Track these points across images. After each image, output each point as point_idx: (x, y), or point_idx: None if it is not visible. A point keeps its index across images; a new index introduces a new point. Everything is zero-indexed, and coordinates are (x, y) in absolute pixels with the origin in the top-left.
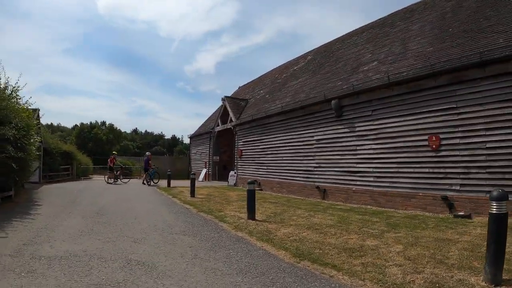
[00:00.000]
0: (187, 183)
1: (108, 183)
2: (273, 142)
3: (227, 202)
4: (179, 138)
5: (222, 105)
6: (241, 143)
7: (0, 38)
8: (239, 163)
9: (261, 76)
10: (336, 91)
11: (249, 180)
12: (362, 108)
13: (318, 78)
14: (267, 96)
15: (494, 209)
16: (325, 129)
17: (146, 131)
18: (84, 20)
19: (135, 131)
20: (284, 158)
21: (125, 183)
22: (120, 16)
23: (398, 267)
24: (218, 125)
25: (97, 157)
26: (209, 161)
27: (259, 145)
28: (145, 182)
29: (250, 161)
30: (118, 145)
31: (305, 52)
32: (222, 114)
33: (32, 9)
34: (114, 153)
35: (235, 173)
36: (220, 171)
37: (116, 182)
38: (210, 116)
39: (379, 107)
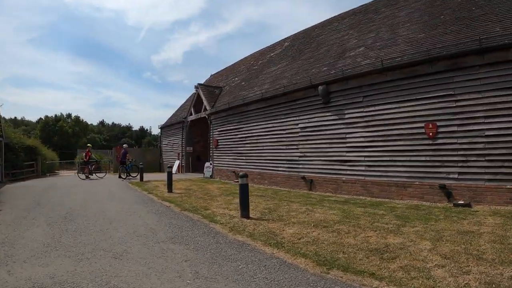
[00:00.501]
0: (160, 176)
1: (81, 178)
2: (252, 131)
3: (210, 198)
4: (147, 130)
5: (195, 93)
6: (217, 133)
7: None
8: (215, 154)
9: (234, 64)
10: (322, 76)
11: (241, 173)
12: (352, 94)
13: (300, 64)
14: (243, 83)
15: None
16: (310, 116)
17: (113, 123)
18: (49, 9)
19: (102, 123)
20: (265, 148)
21: (101, 178)
22: (87, 4)
23: (442, 269)
24: (191, 114)
25: (63, 151)
26: (182, 152)
27: (237, 134)
28: (122, 176)
29: (227, 151)
30: (85, 138)
31: (282, 39)
32: (195, 103)
33: None
34: (89, 146)
35: (210, 164)
36: (194, 162)
37: (91, 177)
38: (182, 105)
39: (371, 93)
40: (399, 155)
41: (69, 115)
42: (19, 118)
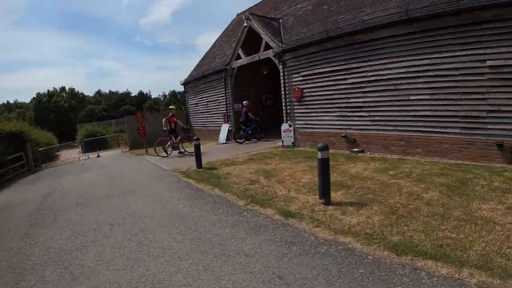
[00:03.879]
0: (207, 149)
1: (161, 156)
2: (382, 72)
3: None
4: (146, 94)
5: (243, 28)
6: (299, 79)
7: None
8: (296, 110)
9: None
10: None
11: None
12: None
13: None
14: (325, 7)
15: None
16: (508, 49)
17: (110, 91)
18: None
19: (98, 93)
20: (412, 97)
21: (190, 154)
22: None
23: None
24: (238, 58)
25: (63, 129)
26: (227, 112)
27: (345, 78)
28: (238, 140)
29: (325, 105)
30: (83, 111)
31: None
32: (244, 41)
33: None
34: (172, 108)
35: (290, 126)
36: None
37: (183, 153)
38: (209, 51)
39: None
40: None
41: (63, 89)
42: (11, 101)
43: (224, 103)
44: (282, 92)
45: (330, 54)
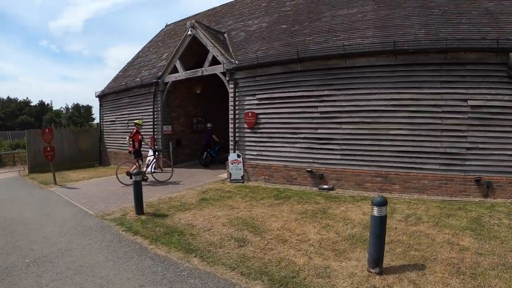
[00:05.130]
0: (131, 180)
1: (124, 184)
2: (360, 103)
3: None
4: (48, 104)
5: (185, 37)
6: (254, 102)
7: None
8: (247, 139)
9: (223, 6)
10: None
11: None
12: None
13: (420, 11)
14: (283, 26)
15: None
16: (488, 91)
17: (8, 97)
18: None
19: None
20: (391, 132)
21: (164, 182)
22: None
23: None
24: (174, 72)
25: None
26: (154, 135)
27: (315, 106)
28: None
29: (285, 135)
30: None
31: None
32: (184, 53)
33: None
34: (138, 123)
35: (239, 157)
36: (174, 151)
37: (148, 180)
38: (134, 60)
39: None
40: None
41: None
42: None
43: (151, 123)
44: (231, 117)
45: (298, 78)
